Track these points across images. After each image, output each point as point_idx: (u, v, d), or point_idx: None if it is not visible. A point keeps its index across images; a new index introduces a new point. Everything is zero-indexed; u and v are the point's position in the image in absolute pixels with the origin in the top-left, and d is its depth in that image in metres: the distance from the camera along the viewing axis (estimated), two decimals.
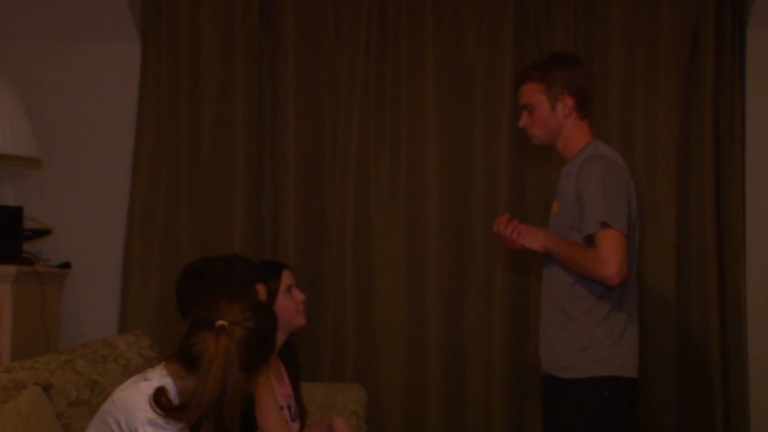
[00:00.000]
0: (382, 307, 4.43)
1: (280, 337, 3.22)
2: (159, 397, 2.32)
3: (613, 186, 3.13)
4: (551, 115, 3.30)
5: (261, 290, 3.02)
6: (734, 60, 4.37)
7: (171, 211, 4.50)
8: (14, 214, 4.15)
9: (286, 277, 3.30)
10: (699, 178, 4.34)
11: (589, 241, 3.11)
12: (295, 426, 3.35)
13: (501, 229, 3.30)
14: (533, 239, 3.25)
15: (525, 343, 4.35)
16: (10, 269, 3.93)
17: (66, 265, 4.42)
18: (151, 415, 2.30)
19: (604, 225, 3.07)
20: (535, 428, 4.28)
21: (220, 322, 2.37)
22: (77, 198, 4.57)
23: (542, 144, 3.41)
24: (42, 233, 4.39)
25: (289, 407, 3.35)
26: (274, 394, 3.19)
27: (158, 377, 2.41)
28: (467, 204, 4.44)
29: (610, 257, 3.04)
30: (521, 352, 4.35)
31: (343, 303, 4.41)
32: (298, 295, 3.35)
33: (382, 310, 4.42)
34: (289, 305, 3.27)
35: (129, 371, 3.29)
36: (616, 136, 4.36)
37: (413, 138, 4.46)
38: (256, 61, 4.53)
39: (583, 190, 3.15)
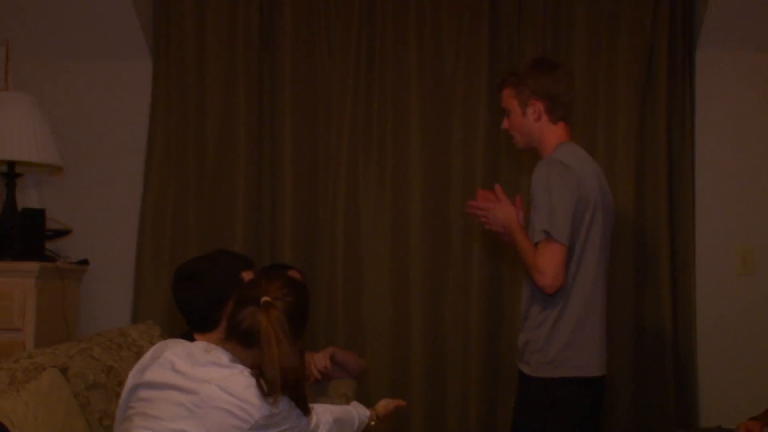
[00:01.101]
0: (370, 301, 4.44)
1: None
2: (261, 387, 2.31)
3: (559, 194, 3.03)
4: (523, 120, 3.22)
5: (247, 276, 2.98)
6: (685, 79, 4.39)
7: (179, 214, 4.51)
8: (37, 215, 4.17)
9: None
10: (654, 188, 4.36)
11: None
12: None
13: (477, 203, 3.26)
14: (495, 219, 3.21)
15: (498, 332, 4.36)
16: (34, 265, 3.96)
17: (84, 262, 4.43)
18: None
19: (546, 234, 2.99)
20: (507, 409, 4.12)
21: (265, 298, 2.37)
22: (94, 201, 4.58)
23: (524, 148, 3.33)
24: (62, 233, 4.41)
25: None
26: None
27: (229, 361, 2.38)
28: (446, 208, 4.44)
29: (545, 268, 2.99)
30: (495, 341, 4.36)
31: (334, 297, 4.42)
32: None
33: (370, 305, 4.44)
34: None
35: (141, 358, 3.23)
36: None
37: (398, 147, 4.47)
38: (257, 77, 4.52)
39: (533, 197, 3.08)
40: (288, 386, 2.31)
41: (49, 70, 4.59)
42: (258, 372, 2.32)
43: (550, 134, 3.23)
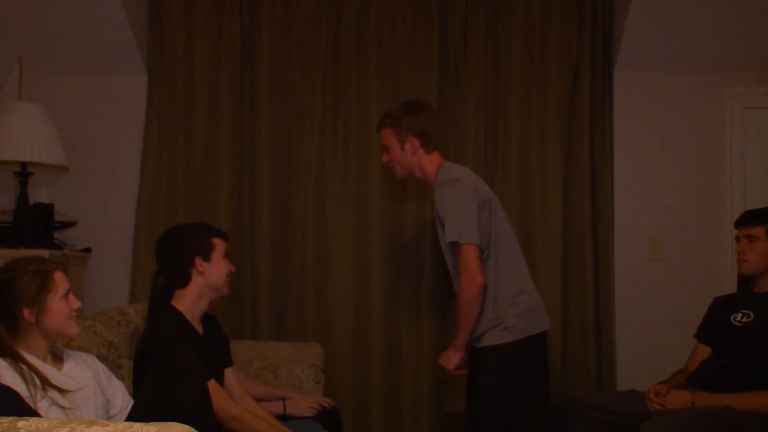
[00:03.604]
0: (335, 283, 4.42)
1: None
2: None
3: (462, 205, 3.12)
4: (402, 154, 3.29)
5: (219, 243, 2.98)
6: (605, 95, 4.42)
7: (170, 208, 4.47)
8: (47, 209, 4.15)
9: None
10: (579, 188, 4.38)
11: (451, 246, 3.13)
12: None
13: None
14: (448, 363, 3.25)
15: (447, 310, 4.33)
16: (44, 253, 3.86)
17: (87, 250, 4.42)
18: None
19: (455, 243, 3.08)
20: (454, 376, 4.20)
21: None
22: (96, 197, 4.55)
23: (403, 177, 3.39)
24: (69, 225, 4.38)
25: None
26: None
27: None
28: (402, 204, 4.43)
29: (467, 267, 3.07)
30: (443, 316, 4.36)
31: (305, 280, 4.41)
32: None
33: (335, 286, 4.42)
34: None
35: (138, 333, 3.28)
36: (517, 161, 4.40)
37: (360, 152, 4.45)
38: (238, 91, 4.49)
39: (440, 211, 3.17)
40: None
41: (57, 83, 4.55)
42: None
43: (428, 163, 3.32)
